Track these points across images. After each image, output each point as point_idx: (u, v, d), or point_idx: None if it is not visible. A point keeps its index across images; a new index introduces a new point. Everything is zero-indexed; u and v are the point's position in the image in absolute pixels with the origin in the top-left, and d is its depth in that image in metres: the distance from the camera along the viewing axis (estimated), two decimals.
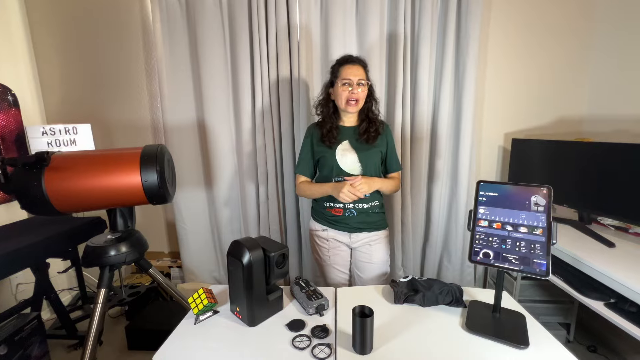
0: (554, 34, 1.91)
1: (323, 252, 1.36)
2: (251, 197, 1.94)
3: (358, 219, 1.31)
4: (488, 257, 0.85)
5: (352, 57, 1.28)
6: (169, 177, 1.18)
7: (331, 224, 1.34)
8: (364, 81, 1.26)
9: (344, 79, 1.25)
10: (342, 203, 1.30)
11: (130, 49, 1.97)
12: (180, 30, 1.83)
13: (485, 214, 0.88)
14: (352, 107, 1.27)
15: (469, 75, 1.78)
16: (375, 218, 1.34)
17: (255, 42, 1.75)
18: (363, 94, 1.27)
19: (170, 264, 2.16)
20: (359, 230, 1.33)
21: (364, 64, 1.28)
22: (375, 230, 1.35)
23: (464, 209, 1.91)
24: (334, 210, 1.32)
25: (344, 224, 1.32)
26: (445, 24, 1.76)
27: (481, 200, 0.90)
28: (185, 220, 2.00)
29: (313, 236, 1.40)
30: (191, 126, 1.96)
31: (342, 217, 1.31)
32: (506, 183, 0.89)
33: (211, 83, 1.84)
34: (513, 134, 2.02)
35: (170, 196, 1.20)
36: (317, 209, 1.39)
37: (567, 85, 1.97)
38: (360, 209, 1.31)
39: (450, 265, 1.97)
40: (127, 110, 2.04)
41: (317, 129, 1.35)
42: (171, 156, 1.27)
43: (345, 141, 1.31)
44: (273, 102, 1.83)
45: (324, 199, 1.34)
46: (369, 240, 1.34)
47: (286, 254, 0.97)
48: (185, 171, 1.97)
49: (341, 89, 1.26)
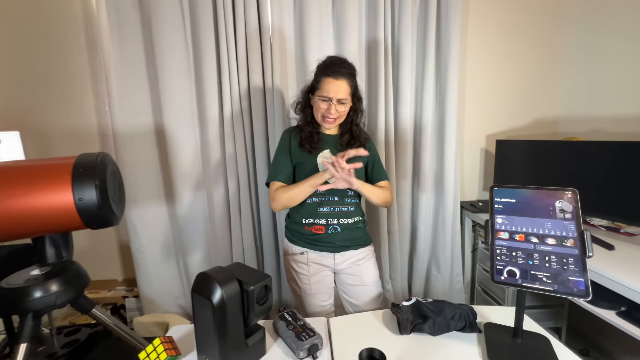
0: (526, 36, 1.91)
1: (302, 280, 1.16)
2: (220, 211, 1.71)
3: (343, 236, 1.15)
4: (514, 277, 0.71)
5: (337, 68, 1.08)
6: (113, 194, 0.94)
7: (311, 245, 1.15)
8: (346, 100, 1.10)
9: (322, 95, 1.09)
10: (323, 219, 1.13)
11: (69, 43, 1.67)
12: (132, 21, 1.58)
13: (504, 224, 0.76)
14: (329, 125, 1.13)
15: (451, 75, 1.70)
16: (359, 233, 1.19)
17: (222, 44, 1.55)
18: (344, 111, 1.12)
19: (125, 293, 1.85)
20: (345, 249, 1.16)
21: (350, 77, 1.10)
22: (361, 246, 1.19)
23: (451, 215, 1.82)
24: (314, 228, 1.14)
25: (327, 244, 1.14)
26: (425, 24, 1.67)
27: (497, 208, 0.77)
28: (142, 241, 1.72)
29: (289, 261, 1.20)
30: (147, 132, 1.70)
31: (325, 235, 1.14)
32: (524, 187, 0.77)
33: (171, 83, 1.60)
34: (494, 136, 1.98)
35: (117, 217, 0.95)
36: (292, 229, 1.20)
37: (541, 86, 1.97)
38: (344, 224, 1.15)
39: (439, 274, 1.87)
40: (68, 115, 1.73)
41: (296, 132, 1.19)
42: (117, 167, 1.03)
43: (326, 150, 1.16)
44: (244, 108, 1.63)
45: (301, 216, 1.16)
46: (356, 260, 1.18)
47: (269, 285, 0.77)
48: (141, 184, 1.69)
49: (319, 104, 1.11)
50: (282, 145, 1.21)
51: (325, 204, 1.14)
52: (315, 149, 1.14)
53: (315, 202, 1.15)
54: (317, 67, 1.14)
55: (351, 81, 1.11)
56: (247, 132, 1.66)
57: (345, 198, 1.16)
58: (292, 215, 1.22)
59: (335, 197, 1.15)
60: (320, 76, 1.11)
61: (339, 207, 1.15)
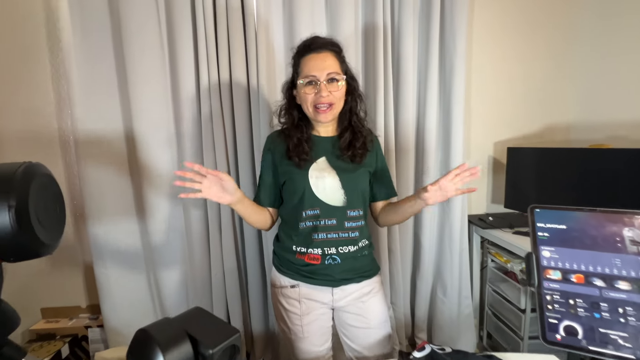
0: (537, 33, 1.76)
1: (293, 319, 0.95)
2: (198, 227, 1.50)
3: (344, 267, 0.94)
4: (574, 335, 0.52)
5: (316, 41, 0.91)
6: (43, 216, 0.73)
7: (304, 277, 0.95)
8: (338, 75, 0.90)
9: (306, 76, 0.89)
10: (318, 248, 0.93)
11: (25, 36, 1.47)
12: (98, 9, 1.39)
13: (554, 260, 0.57)
14: (324, 115, 0.91)
15: (457, 75, 1.53)
16: (364, 262, 0.99)
17: (200, 32, 1.36)
18: (338, 93, 0.91)
19: (88, 322, 1.61)
20: (345, 282, 0.95)
21: (335, 49, 0.92)
22: (366, 278, 0.98)
23: (458, 231, 1.63)
24: (307, 257, 0.93)
25: (324, 276, 0.94)
26: (428, 16, 1.51)
27: (542, 237, 0.58)
28: (107, 262, 1.49)
29: (277, 295, 0.99)
30: (116, 137, 1.49)
31: (321, 266, 0.93)
32: (577, 209, 0.58)
33: (141, 80, 1.41)
34: (503, 143, 1.81)
35: (47, 246, 0.73)
36: (281, 256, 0.99)
37: (553, 89, 1.81)
38: (345, 253, 0.94)
39: (445, 298, 1.66)
40: (23, 118, 1.51)
41: (280, 140, 0.98)
42: (53, 181, 0.82)
43: (321, 158, 0.95)
44: (225, 107, 1.44)
45: (292, 241, 0.95)
46: (359, 295, 0.97)
47: (237, 345, 0.57)
48: (108, 197, 1.48)
49: (304, 90, 0.90)
50: (265, 159, 1.01)
51: (320, 229, 0.93)
52: (305, 160, 0.92)
53: (309, 227, 0.94)
54: (293, 55, 0.96)
55: (338, 56, 0.93)
56: (229, 135, 1.46)
57: (346, 221, 0.94)
58: (281, 238, 1.01)
59: (332, 219, 0.93)
60: (300, 58, 0.92)
61: (338, 232, 0.94)
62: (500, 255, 1.59)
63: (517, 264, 1.45)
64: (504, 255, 1.57)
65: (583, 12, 1.75)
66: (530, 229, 0.59)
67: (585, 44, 1.77)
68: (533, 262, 0.57)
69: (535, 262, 0.56)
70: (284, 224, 1.02)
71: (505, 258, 1.54)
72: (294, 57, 0.96)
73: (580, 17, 1.76)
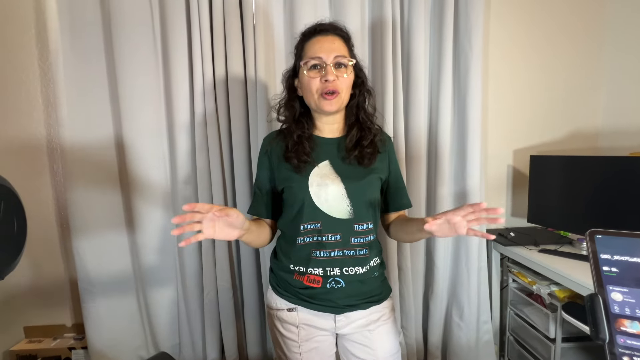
0: (561, 32, 1.61)
1: (290, 347, 0.83)
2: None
3: (348, 291, 0.81)
4: None
5: (323, 24, 0.81)
6: None
7: (303, 301, 0.82)
8: (345, 59, 0.79)
9: (311, 59, 0.78)
10: (319, 268, 0.80)
11: (16, 39, 1.40)
12: (89, 10, 1.31)
13: (629, 306, 0.42)
14: (329, 103, 0.78)
15: (473, 75, 1.40)
16: (374, 284, 0.85)
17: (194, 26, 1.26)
18: (346, 80, 0.80)
19: (72, 343, 1.49)
20: (350, 309, 0.82)
21: (344, 34, 0.83)
22: (375, 303, 0.85)
23: (476, 247, 1.47)
24: (306, 279, 0.81)
25: (325, 301, 0.81)
26: (441, 12, 1.38)
27: (609, 273, 0.44)
28: (92, 279, 1.38)
29: (273, 319, 0.87)
30: (105, 145, 1.39)
31: (321, 290, 0.80)
32: None
33: (131, 82, 1.32)
34: (524, 151, 1.66)
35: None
36: (278, 275, 0.87)
37: (579, 91, 1.66)
38: (351, 275, 0.81)
39: (462, 322, 1.50)
40: (9, 125, 1.43)
41: (279, 140, 0.86)
42: (11, 192, 0.71)
43: (324, 162, 0.82)
44: (220, 106, 1.34)
45: (289, 259, 0.83)
46: (366, 323, 0.84)
47: None
48: (95, 208, 1.38)
49: (308, 75, 0.78)
50: (260, 163, 0.89)
51: (322, 246, 0.80)
52: (305, 162, 0.80)
53: (308, 243, 0.81)
54: (296, 45, 0.86)
55: (347, 42, 0.83)
56: (224, 137, 1.36)
57: (352, 236, 0.81)
58: (278, 254, 0.89)
59: (336, 234, 0.80)
60: (303, 42, 0.82)
61: (343, 249, 0.81)
62: (523, 276, 1.42)
63: (545, 286, 1.29)
64: (527, 275, 1.40)
65: (613, 4, 1.60)
66: (592, 262, 0.45)
67: (615, 41, 1.61)
68: (600, 307, 0.42)
69: (603, 310, 0.42)
70: (282, 238, 0.90)
71: (530, 279, 1.37)
72: (297, 45, 0.85)
73: (611, 11, 1.61)
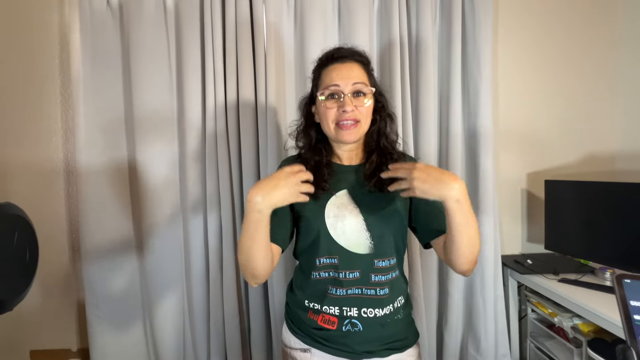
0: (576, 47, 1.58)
1: None
2: (198, 267, 1.37)
3: (366, 336, 0.75)
4: None
5: (340, 50, 0.79)
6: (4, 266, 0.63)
7: (318, 343, 0.78)
8: (365, 86, 0.76)
9: (328, 87, 0.76)
10: (335, 306, 0.75)
11: (41, 68, 1.48)
12: (110, 43, 1.38)
13: None
14: (349, 133, 0.75)
15: (483, 97, 1.39)
16: (397, 328, 0.78)
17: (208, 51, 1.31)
18: (365, 109, 0.77)
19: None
20: (369, 355, 0.76)
21: (363, 60, 0.80)
22: (398, 351, 0.78)
23: (492, 275, 1.41)
24: (321, 318, 0.76)
25: (341, 345, 0.76)
26: (449, 33, 1.39)
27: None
28: (100, 303, 1.37)
29: (287, 357, 0.83)
30: (119, 169, 1.42)
31: (337, 332, 0.76)
32: None
33: (147, 116, 1.36)
34: (538, 175, 1.62)
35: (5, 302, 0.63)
36: (293, 311, 0.83)
37: (595, 111, 1.62)
38: (370, 318, 0.75)
39: (479, 355, 1.42)
40: (29, 148, 1.48)
41: None
42: (26, 223, 0.72)
43: (342, 191, 0.79)
44: (231, 129, 1.35)
45: (304, 293, 0.80)
46: None
47: None
48: (107, 231, 1.39)
49: (325, 104, 0.77)
50: None
51: (339, 283, 0.75)
52: (323, 190, 0.76)
53: (324, 278, 0.77)
54: (314, 68, 0.85)
55: (366, 68, 0.81)
56: (235, 162, 1.36)
57: (372, 273, 0.75)
58: (294, 287, 0.85)
59: (355, 271, 0.75)
60: (321, 70, 0.81)
61: (362, 287, 0.75)
62: (543, 306, 1.35)
63: (567, 319, 1.22)
64: (548, 306, 1.33)
65: (629, 24, 1.58)
66: (621, 310, 0.41)
67: (632, 61, 1.59)
68: None
69: None
70: (299, 269, 0.86)
71: (551, 310, 1.30)
72: (314, 71, 0.84)
73: (627, 31, 1.58)
